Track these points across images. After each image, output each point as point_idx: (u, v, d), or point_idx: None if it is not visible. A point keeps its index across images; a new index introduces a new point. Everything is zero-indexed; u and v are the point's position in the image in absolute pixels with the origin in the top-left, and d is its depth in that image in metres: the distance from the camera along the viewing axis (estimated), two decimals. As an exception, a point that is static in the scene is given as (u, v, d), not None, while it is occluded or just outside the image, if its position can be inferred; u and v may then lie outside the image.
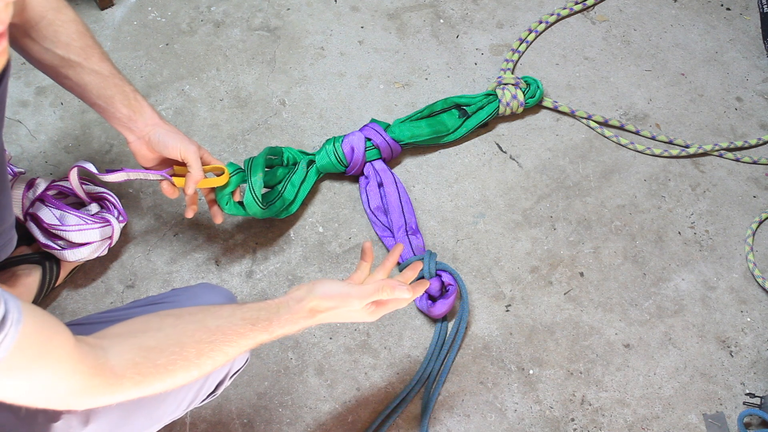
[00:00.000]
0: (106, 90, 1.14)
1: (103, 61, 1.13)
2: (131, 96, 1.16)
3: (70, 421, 0.87)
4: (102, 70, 1.12)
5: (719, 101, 1.81)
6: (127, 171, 1.24)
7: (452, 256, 1.51)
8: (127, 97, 1.16)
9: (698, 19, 1.94)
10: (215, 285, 1.09)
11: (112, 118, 1.17)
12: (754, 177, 1.71)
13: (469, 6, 1.87)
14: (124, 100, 1.15)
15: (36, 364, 0.69)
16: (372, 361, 1.39)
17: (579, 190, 1.64)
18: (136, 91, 1.18)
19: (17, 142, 1.53)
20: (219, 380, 1.03)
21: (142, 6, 1.75)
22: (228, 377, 1.04)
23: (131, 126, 1.17)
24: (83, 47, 1.10)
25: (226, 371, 1.02)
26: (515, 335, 1.45)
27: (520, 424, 1.36)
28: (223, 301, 1.02)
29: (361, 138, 1.52)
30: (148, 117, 1.18)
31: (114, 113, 1.16)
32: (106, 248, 1.36)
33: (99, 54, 1.12)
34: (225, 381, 1.04)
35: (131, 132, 1.18)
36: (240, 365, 1.06)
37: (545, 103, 1.72)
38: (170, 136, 1.19)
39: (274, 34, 1.76)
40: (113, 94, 1.14)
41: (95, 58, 1.12)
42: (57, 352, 0.71)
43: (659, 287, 1.54)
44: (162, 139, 1.19)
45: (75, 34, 1.09)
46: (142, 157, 1.22)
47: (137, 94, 1.17)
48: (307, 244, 1.50)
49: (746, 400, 1.42)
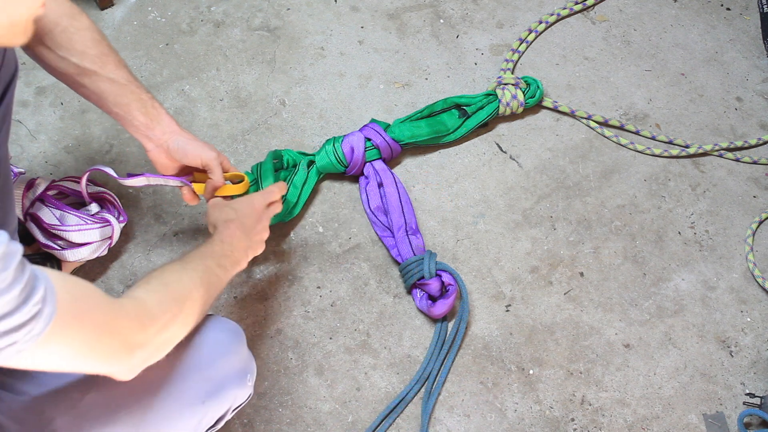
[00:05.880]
0: (123, 98, 1.13)
1: (120, 69, 1.12)
2: (149, 104, 1.15)
3: None
4: (118, 78, 1.11)
5: (719, 101, 1.81)
6: (147, 176, 1.23)
7: (452, 256, 1.51)
8: (145, 105, 1.15)
9: (698, 19, 1.94)
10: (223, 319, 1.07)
11: (130, 126, 1.16)
12: (754, 177, 1.71)
13: (469, 6, 1.87)
14: (141, 108, 1.14)
15: (76, 330, 0.71)
16: (372, 361, 1.39)
17: (579, 190, 1.64)
18: (154, 99, 1.16)
19: (17, 142, 1.53)
20: (220, 415, 1.01)
21: (142, 6, 1.75)
22: (229, 412, 1.03)
23: (149, 134, 1.17)
24: (99, 55, 1.09)
25: (225, 409, 1.01)
26: (515, 335, 1.45)
27: (520, 424, 1.36)
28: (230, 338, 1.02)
29: (361, 138, 1.52)
30: (165, 125, 1.17)
31: (131, 121, 1.15)
32: (106, 248, 1.36)
33: (115, 62, 1.11)
34: (226, 415, 1.03)
35: (149, 140, 1.18)
36: (242, 400, 1.05)
37: (545, 103, 1.72)
38: (190, 144, 1.18)
39: (274, 34, 1.76)
40: (129, 102, 1.13)
41: (111, 66, 1.11)
42: (94, 314, 0.73)
43: (659, 287, 1.54)
44: (181, 146, 1.18)
45: (90, 42, 1.08)
46: (161, 165, 1.21)
47: (155, 101, 1.16)
48: (307, 244, 1.50)
49: (746, 400, 1.42)
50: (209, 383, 0.97)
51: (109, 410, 0.89)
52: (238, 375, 1.01)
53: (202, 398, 0.95)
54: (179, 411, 0.94)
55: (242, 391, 1.02)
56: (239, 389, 1.01)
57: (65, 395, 0.88)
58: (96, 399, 0.89)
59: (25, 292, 0.64)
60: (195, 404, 0.95)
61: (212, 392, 0.97)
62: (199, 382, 0.95)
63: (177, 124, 1.19)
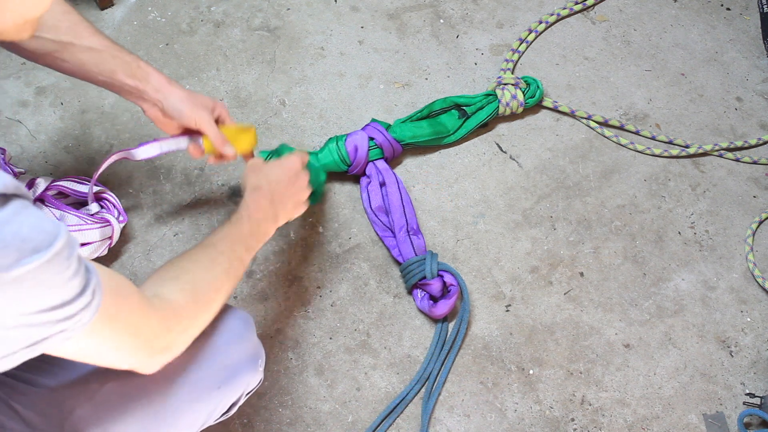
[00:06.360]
0: (105, 64, 1.10)
1: (95, 35, 1.10)
2: (133, 65, 1.12)
3: None
4: (96, 45, 1.09)
5: (719, 101, 1.81)
6: (159, 141, 1.22)
7: (452, 256, 1.51)
8: (129, 66, 1.12)
9: (698, 19, 1.94)
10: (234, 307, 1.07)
11: (121, 91, 1.14)
12: (754, 177, 1.71)
13: (469, 6, 1.87)
14: (127, 71, 1.12)
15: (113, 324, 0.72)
16: (372, 361, 1.39)
17: (579, 190, 1.64)
18: (138, 59, 1.14)
19: (17, 142, 1.53)
20: (233, 401, 1.02)
21: (142, 6, 1.75)
22: (243, 396, 1.04)
23: (142, 95, 1.15)
24: (71, 26, 1.07)
25: (239, 393, 1.02)
26: (515, 335, 1.45)
27: (520, 424, 1.36)
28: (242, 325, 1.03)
29: (365, 137, 1.52)
30: (155, 82, 1.14)
31: (121, 87, 1.13)
32: (106, 248, 1.36)
33: (89, 30, 1.09)
34: (240, 401, 1.04)
35: (144, 101, 1.15)
36: (254, 386, 1.06)
37: (545, 103, 1.72)
38: (183, 103, 1.15)
39: (274, 34, 1.76)
40: (113, 67, 1.11)
41: (86, 34, 1.08)
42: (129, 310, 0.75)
43: (659, 287, 1.54)
44: (176, 107, 1.15)
45: (60, 15, 1.06)
46: (162, 123, 1.19)
47: (140, 61, 1.14)
48: (307, 244, 1.50)
49: (746, 400, 1.42)
50: (224, 369, 0.98)
51: (128, 399, 0.90)
52: (250, 360, 1.02)
53: (218, 384, 0.97)
54: (197, 397, 0.95)
55: (254, 376, 1.03)
56: (252, 374, 1.02)
57: (84, 386, 0.89)
58: (114, 388, 0.89)
59: (84, 281, 0.65)
60: (211, 390, 0.96)
61: (227, 378, 0.98)
62: (214, 369, 0.97)
63: (168, 80, 1.16)
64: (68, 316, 0.64)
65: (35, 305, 0.61)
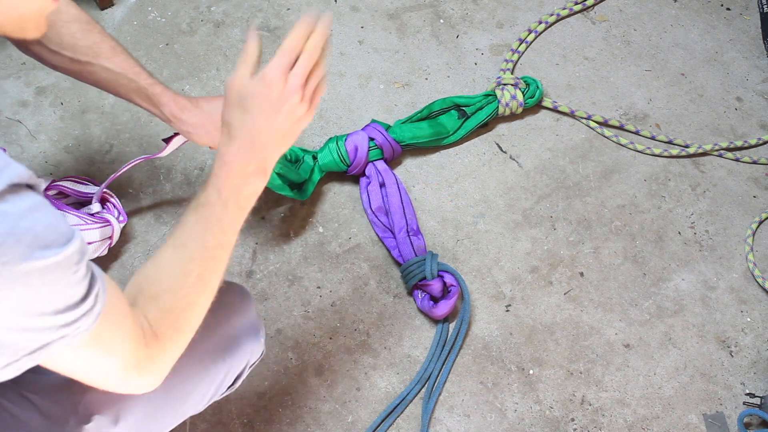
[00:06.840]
0: (121, 88, 1.13)
1: (114, 56, 1.11)
2: (148, 91, 1.14)
3: (100, 421, 0.87)
4: (113, 66, 1.11)
5: (719, 101, 1.81)
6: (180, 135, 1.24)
7: (452, 256, 1.51)
8: (145, 92, 1.13)
9: (698, 19, 1.94)
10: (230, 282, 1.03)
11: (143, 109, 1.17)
12: (754, 177, 1.71)
13: (469, 6, 1.87)
14: (140, 96, 1.14)
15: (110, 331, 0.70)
16: (372, 361, 1.39)
17: (579, 190, 1.64)
18: (155, 83, 1.14)
19: (17, 142, 1.53)
20: (238, 373, 1.03)
21: (142, 6, 1.75)
22: (246, 368, 1.04)
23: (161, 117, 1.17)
24: (90, 45, 1.08)
25: (244, 364, 1.02)
26: (515, 335, 1.45)
27: (520, 424, 1.36)
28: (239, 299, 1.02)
29: (365, 137, 1.52)
30: (167, 111, 1.16)
31: (141, 105, 1.16)
32: (106, 248, 1.36)
33: (109, 49, 1.10)
34: (244, 373, 1.05)
35: (167, 121, 1.17)
36: (257, 356, 1.06)
37: (545, 103, 1.72)
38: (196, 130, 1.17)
39: (274, 34, 1.76)
40: (128, 92, 1.13)
41: (104, 55, 1.10)
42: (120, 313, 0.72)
43: (659, 287, 1.54)
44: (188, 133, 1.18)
45: (79, 33, 1.07)
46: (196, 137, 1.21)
47: (155, 86, 1.14)
48: (307, 244, 1.50)
49: (746, 400, 1.42)
50: (226, 340, 0.98)
51: None
52: (251, 330, 1.02)
53: (222, 355, 0.97)
54: (204, 370, 0.95)
55: (257, 346, 1.03)
56: (254, 344, 1.02)
57: None
58: None
59: (88, 286, 0.65)
60: (217, 361, 0.97)
61: (230, 348, 0.98)
62: (216, 340, 0.97)
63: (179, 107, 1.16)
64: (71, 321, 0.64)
65: (40, 307, 0.61)
